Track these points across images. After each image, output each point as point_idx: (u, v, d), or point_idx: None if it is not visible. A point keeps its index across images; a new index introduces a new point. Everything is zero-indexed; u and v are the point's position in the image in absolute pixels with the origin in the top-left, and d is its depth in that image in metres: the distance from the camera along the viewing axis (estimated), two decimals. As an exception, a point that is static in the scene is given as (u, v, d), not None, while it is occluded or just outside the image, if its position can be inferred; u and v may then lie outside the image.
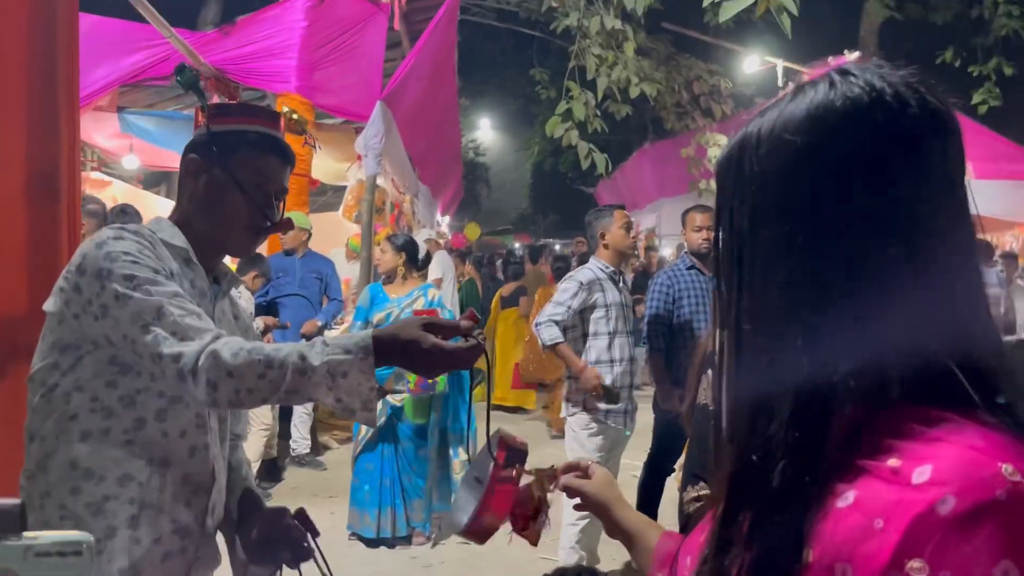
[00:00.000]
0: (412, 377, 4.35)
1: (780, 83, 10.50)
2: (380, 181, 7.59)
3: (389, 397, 4.44)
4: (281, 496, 5.40)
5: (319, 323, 6.16)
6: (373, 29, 7.32)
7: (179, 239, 1.51)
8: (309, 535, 1.48)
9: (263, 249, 6.80)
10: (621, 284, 4.01)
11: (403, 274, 4.77)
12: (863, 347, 0.63)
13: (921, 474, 0.57)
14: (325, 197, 11.26)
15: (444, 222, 16.54)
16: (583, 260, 4.96)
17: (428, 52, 7.77)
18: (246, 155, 1.53)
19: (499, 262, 14.52)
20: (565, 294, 3.87)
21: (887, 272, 0.64)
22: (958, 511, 0.55)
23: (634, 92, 8.17)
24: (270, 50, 6.66)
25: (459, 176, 15.98)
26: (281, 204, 1.60)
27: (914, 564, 0.55)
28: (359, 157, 7.41)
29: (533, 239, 22.76)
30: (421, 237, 8.21)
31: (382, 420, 4.45)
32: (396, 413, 4.54)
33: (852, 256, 0.64)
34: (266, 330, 5.65)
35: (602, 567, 3.68)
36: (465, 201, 22.21)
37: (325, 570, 1.46)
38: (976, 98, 10.23)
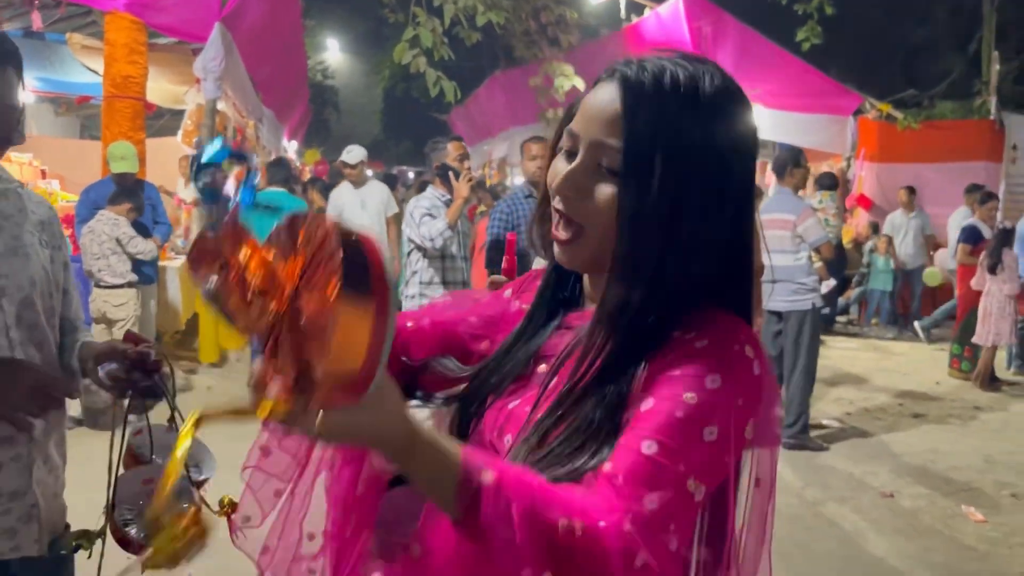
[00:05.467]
0: None
1: (623, 15, 10.78)
2: (221, 105, 7.32)
3: None
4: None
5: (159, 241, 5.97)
6: (209, -57, 6.94)
7: None
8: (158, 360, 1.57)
9: (94, 175, 6.46)
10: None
11: None
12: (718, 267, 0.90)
13: (699, 336, 0.86)
14: (162, 121, 10.69)
15: (291, 147, 16.04)
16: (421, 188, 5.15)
17: (268, -30, 7.48)
18: None
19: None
20: (425, 220, 4.09)
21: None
22: (705, 347, 0.85)
23: (481, 20, 8.19)
24: (94, -37, 6.23)
25: (306, 99, 15.47)
26: (7, 111, 1.56)
27: (674, 372, 0.84)
28: (197, 80, 7.11)
29: (386, 166, 22.40)
30: (355, 156, 6.95)
31: None
32: None
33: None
34: None
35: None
36: (314, 126, 21.54)
37: (170, 399, 1.58)
38: (800, 35, 10.84)
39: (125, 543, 1.59)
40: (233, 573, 3.33)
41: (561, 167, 0.91)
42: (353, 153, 6.89)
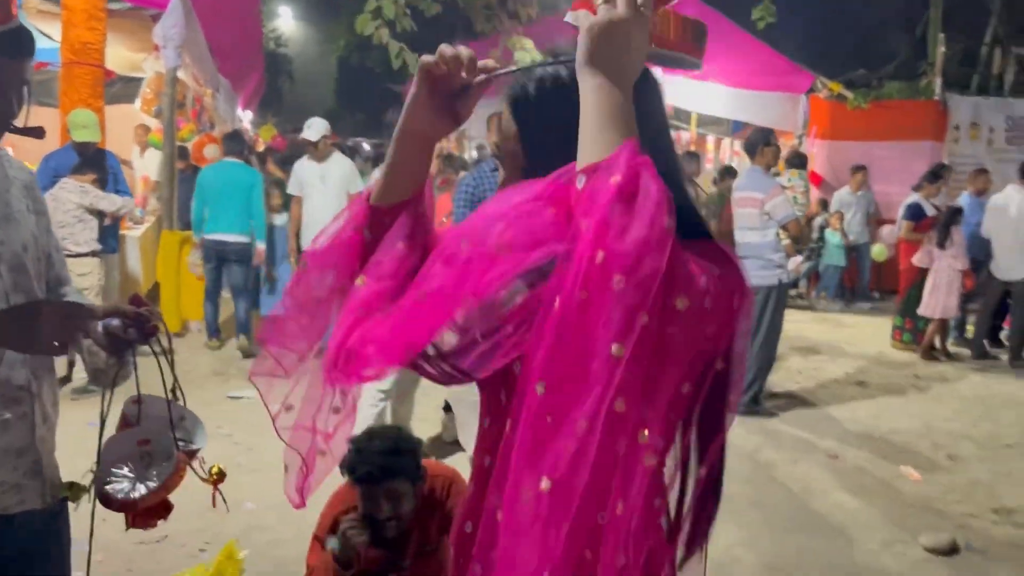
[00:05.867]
0: None
1: (583, -11, 10.80)
2: (180, 74, 7.26)
3: None
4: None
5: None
6: (167, -93, 6.84)
7: None
8: (152, 314, 1.64)
9: (47, 142, 6.37)
10: None
11: None
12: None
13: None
14: (115, 88, 10.49)
15: (246, 117, 15.80)
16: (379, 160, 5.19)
17: (228, -64, 7.39)
18: None
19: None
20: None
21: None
22: (717, 280, 0.92)
23: (443, -8, 8.20)
24: (49, -75, 6.10)
25: (261, 68, 15.25)
26: (21, 99, 1.61)
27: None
28: (156, 47, 7.04)
29: (341, 137, 22.13)
30: (316, 132, 6.45)
31: None
32: None
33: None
34: None
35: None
36: (267, 96, 21.19)
37: (167, 346, 1.65)
38: (755, 14, 11.02)
39: (107, 501, 1.66)
40: (210, 536, 3.42)
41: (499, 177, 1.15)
42: (313, 128, 6.50)
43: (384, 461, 2.22)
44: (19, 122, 1.64)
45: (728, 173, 9.59)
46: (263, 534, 3.47)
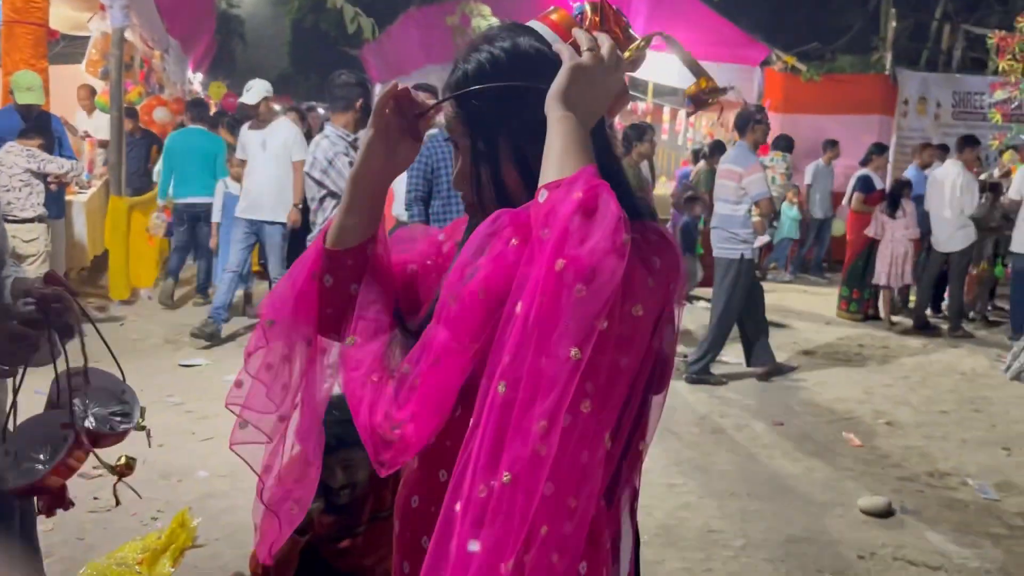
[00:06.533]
0: None
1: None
2: (128, 35, 7.08)
3: None
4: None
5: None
6: None
7: None
8: (68, 292, 1.60)
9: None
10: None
11: None
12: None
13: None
14: (58, 48, 10.16)
15: (196, 79, 15.47)
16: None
17: None
18: None
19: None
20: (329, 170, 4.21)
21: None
22: (659, 273, 0.99)
23: (400, -45, 8.08)
24: None
25: (212, 29, 14.92)
26: None
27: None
28: (101, 7, 6.85)
29: (295, 101, 21.66)
30: (255, 95, 6.04)
31: None
32: None
33: None
34: None
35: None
36: (219, 58, 20.74)
37: (85, 321, 1.62)
38: (713, -14, 11.06)
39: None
40: (162, 504, 3.41)
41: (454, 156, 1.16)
42: (253, 91, 6.06)
43: (340, 430, 2.23)
44: None
45: (717, 149, 9.66)
46: (216, 501, 3.48)
